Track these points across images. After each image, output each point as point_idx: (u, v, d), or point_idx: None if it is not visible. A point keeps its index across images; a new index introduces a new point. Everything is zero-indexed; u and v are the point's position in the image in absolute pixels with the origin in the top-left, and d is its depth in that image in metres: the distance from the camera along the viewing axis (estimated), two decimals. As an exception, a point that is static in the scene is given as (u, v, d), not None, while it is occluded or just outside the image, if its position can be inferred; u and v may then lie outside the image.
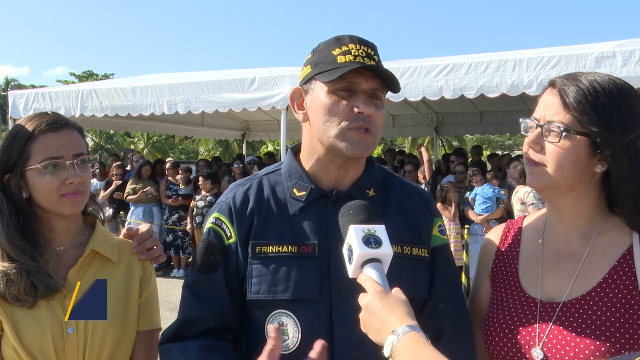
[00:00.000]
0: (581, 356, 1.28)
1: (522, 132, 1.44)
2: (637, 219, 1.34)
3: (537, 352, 1.34)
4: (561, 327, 1.34)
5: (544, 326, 1.36)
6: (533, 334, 1.37)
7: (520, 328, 1.40)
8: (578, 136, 1.32)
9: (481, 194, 7.53)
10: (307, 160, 1.51)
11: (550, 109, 1.36)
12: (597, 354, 1.26)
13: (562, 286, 1.39)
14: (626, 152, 1.30)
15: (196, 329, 1.45)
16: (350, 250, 1.21)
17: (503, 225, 1.65)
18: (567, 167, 1.34)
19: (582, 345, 1.29)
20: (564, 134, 1.32)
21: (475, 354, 1.49)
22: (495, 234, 1.64)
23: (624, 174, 1.30)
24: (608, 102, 1.31)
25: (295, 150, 1.57)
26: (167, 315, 7.30)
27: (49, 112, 1.61)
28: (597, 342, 1.27)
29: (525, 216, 1.62)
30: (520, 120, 1.46)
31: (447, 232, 1.61)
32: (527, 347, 1.37)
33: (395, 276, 1.27)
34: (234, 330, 1.50)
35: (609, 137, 1.29)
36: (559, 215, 1.45)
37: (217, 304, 1.46)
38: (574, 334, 1.31)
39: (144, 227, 1.74)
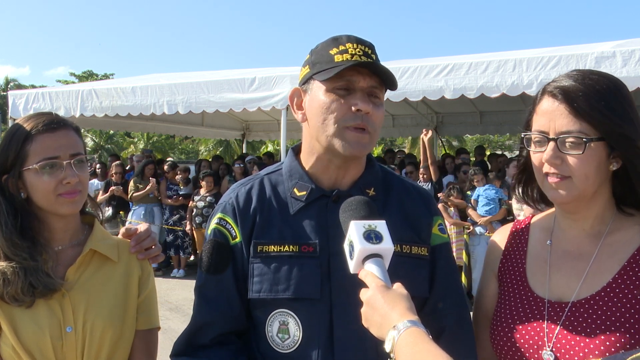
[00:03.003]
0: (591, 356, 1.27)
1: (528, 148, 1.41)
2: None
3: (547, 354, 1.34)
4: (570, 328, 1.33)
5: (552, 326, 1.35)
6: (542, 334, 1.36)
7: (529, 328, 1.39)
8: (595, 142, 1.30)
9: (484, 195, 7.54)
10: (307, 160, 1.51)
11: (560, 119, 1.32)
12: (607, 354, 1.25)
13: (570, 286, 1.38)
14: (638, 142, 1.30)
15: (209, 335, 1.46)
16: (351, 246, 1.21)
17: (510, 225, 1.64)
18: (593, 175, 1.32)
19: (591, 346, 1.28)
20: (587, 144, 1.29)
21: (476, 353, 1.49)
22: (502, 234, 1.63)
23: None
24: (613, 101, 1.31)
25: (296, 151, 1.58)
26: (167, 315, 7.30)
27: (46, 112, 1.61)
28: (607, 343, 1.27)
29: (532, 216, 1.61)
30: (523, 135, 1.43)
31: (448, 231, 1.61)
32: (535, 347, 1.37)
33: (395, 275, 1.27)
34: (244, 332, 1.50)
35: (622, 133, 1.29)
36: (573, 219, 1.43)
37: (227, 305, 1.46)
38: (583, 334, 1.30)
39: (142, 226, 1.74)
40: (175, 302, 7.70)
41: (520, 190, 1.55)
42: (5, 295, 1.47)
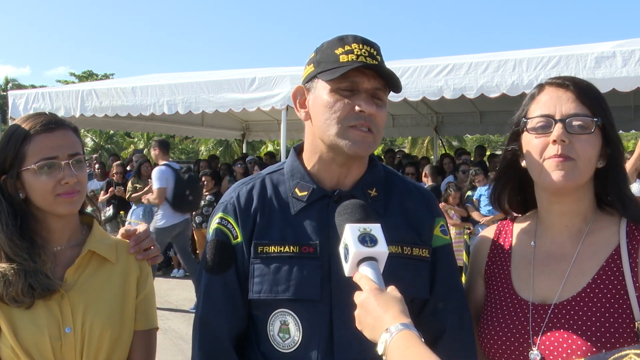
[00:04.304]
0: (573, 357, 1.30)
1: (529, 132, 1.41)
2: (627, 207, 1.40)
3: (534, 355, 1.36)
4: (554, 330, 1.36)
5: (537, 329, 1.39)
6: (527, 337, 1.39)
7: (515, 331, 1.42)
8: (598, 127, 1.36)
9: (486, 194, 7.53)
10: (309, 159, 1.51)
11: (568, 104, 1.37)
12: (589, 354, 1.29)
13: (553, 288, 1.41)
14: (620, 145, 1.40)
15: (221, 340, 1.46)
16: (346, 249, 1.22)
17: (494, 226, 1.66)
18: (593, 160, 1.38)
19: (574, 347, 1.31)
20: (597, 124, 1.35)
21: (476, 354, 1.49)
22: (487, 235, 1.65)
23: (623, 166, 1.39)
24: (605, 100, 1.39)
25: (298, 150, 1.57)
26: (167, 315, 7.30)
27: (44, 113, 1.61)
28: (589, 343, 1.30)
29: (514, 218, 1.63)
30: (523, 119, 1.43)
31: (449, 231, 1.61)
32: (521, 349, 1.39)
33: (395, 276, 1.27)
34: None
35: (615, 130, 1.38)
36: (560, 213, 1.45)
37: (232, 305, 1.46)
38: (565, 335, 1.34)
39: (141, 227, 1.74)
40: (175, 302, 7.70)
41: (498, 195, 1.59)
42: (6, 296, 1.47)
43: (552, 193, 1.43)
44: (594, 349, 1.29)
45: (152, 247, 1.72)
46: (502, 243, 1.59)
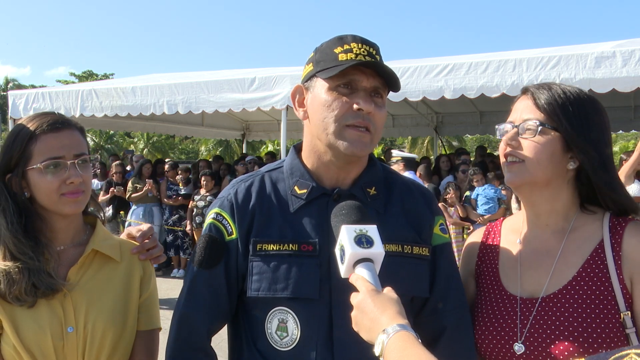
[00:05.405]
0: (561, 347, 1.36)
1: (499, 137, 1.53)
2: (617, 204, 1.46)
3: (518, 346, 1.42)
4: (541, 322, 1.41)
5: (525, 321, 1.44)
6: (515, 329, 1.44)
7: (503, 324, 1.47)
8: (552, 132, 1.43)
9: (483, 194, 7.54)
10: (309, 158, 1.51)
11: (524, 111, 1.48)
12: (576, 344, 1.34)
13: (540, 282, 1.47)
14: (596, 150, 1.43)
15: (198, 332, 1.47)
16: (342, 250, 1.22)
17: (484, 228, 1.72)
18: (544, 162, 1.43)
19: (561, 337, 1.36)
20: (539, 128, 1.44)
21: (475, 353, 1.50)
22: (476, 236, 1.71)
23: (596, 168, 1.42)
24: (577, 107, 1.43)
25: (298, 148, 1.57)
26: (168, 315, 7.28)
27: (51, 112, 1.61)
28: (575, 333, 1.35)
29: (504, 218, 1.70)
30: (497, 127, 1.55)
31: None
32: (507, 338, 1.45)
33: (396, 275, 1.27)
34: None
35: (579, 135, 1.41)
36: (536, 214, 1.53)
37: (215, 301, 1.47)
38: (552, 327, 1.39)
39: (145, 226, 1.74)
40: (175, 302, 7.69)
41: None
42: (9, 295, 1.47)
43: (515, 191, 1.56)
44: (581, 339, 1.34)
45: (155, 247, 1.72)
46: (491, 243, 1.65)
